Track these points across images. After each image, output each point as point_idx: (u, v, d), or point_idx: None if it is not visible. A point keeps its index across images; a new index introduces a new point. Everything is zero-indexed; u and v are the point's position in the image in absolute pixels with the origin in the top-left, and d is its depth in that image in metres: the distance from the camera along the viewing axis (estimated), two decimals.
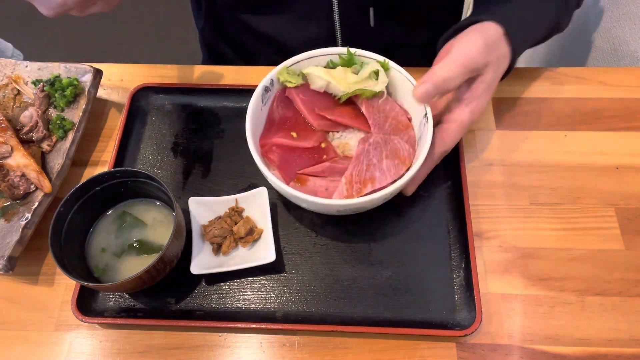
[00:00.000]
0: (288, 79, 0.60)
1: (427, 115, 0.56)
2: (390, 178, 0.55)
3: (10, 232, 0.59)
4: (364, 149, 0.57)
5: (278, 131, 0.60)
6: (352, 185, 0.54)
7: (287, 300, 0.57)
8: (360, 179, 0.55)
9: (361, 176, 0.55)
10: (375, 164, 0.56)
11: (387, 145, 0.57)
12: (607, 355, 0.53)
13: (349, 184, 0.54)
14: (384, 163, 0.56)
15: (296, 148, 0.58)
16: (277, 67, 0.60)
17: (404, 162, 0.56)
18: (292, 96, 0.61)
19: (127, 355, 0.55)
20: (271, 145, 0.59)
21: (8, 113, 0.68)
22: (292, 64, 0.60)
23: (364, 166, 0.56)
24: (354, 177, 0.55)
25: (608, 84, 0.71)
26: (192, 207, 0.59)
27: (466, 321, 0.54)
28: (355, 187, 0.54)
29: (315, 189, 0.56)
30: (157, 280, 0.55)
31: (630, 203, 0.62)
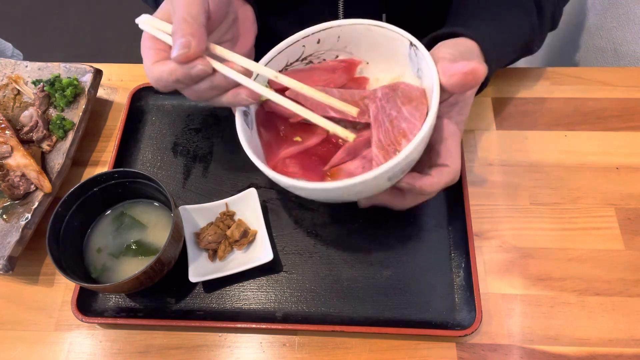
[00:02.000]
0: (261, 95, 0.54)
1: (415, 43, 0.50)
2: (419, 122, 0.48)
3: (10, 232, 0.59)
4: (377, 106, 0.51)
5: (281, 144, 0.55)
6: (386, 149, 0.48)
7: (287, 300, 0.57)
8: (390, 139, 0.49)
9: (390, 136, 0.49)
10: (396, 115, 0.49)
11: (397, 90, 0.51)
12: (607, 355, 0.53)
13: (382, 149, 0.48)
14: (404, 111, 0.49)
15: (309, 150, 0.54)
16: None
17: (421, 101, 0.50)
18: (274, 108, 0.55)
19: (127, 355, 0.55)
20: (283, 160, 0.54)
21: (8, 113, 0.68)
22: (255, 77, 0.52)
23: (387, 124, 0.49)
24: (383, 140, 0.49)
25: (608, 84, 0.71)
26: (183, 215, 0.59)
27: (466, 321, 0.54)
28: (391, 149, 0.48)
29: (354, 174, 0.49)
30: (155, 281, 0.55)
31: (630, 203, 0.62)
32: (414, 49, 0.51)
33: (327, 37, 0.55)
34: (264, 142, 0.55)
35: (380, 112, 0.50)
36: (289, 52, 0.55)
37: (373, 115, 0.51)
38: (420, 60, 0.50)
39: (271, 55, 0.54)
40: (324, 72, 0.56)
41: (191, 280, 0.56)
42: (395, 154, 0.46)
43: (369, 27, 0.53)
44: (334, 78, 0.56)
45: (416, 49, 0.50)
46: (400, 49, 0.52)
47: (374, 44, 0.54)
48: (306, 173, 0.52)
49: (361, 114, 0.51)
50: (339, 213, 0.62)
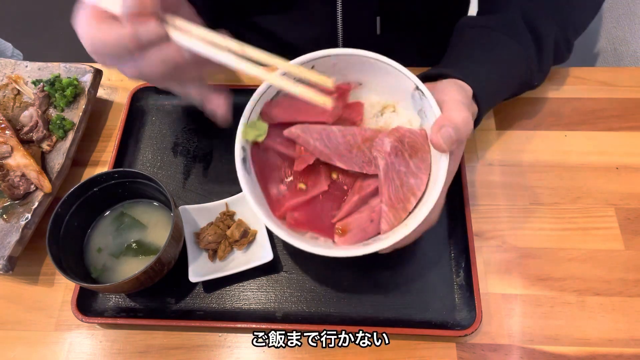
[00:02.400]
0: (256, 134, 0.52)
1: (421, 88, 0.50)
2: (425, 175, 0.50)
3: (10, 232, 0.59)
4: (387, 163, 0.50)
5: (283, 194, 0.53)
6: (396, 207, 0.49)
7: (287, 300, 0.57)
8: (400, 197, 0.49)
9: (399, 194, 0.49)
10: (405, 171, 0.50)
11: (404, 142, 0.51)
12: (607, 355, 0.53)
13: (392, 208, 0.49)
14: (412, 165, 0.50)
15: (314, 199, 0.52)
16: (239, 129, 0.51)
17: (425, 150, 0.51)
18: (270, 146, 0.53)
19: (127, 355, 0.55)
20: (290, 212, 0.52)
21: (8, 113, 0.68)
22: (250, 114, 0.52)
23: (396, 182, 0.50)
24: (393, 199, 0.49)
25: (608, 84, 0.71)
26: (183, 215, 0.59)
27: (466, 321, 0.54)
28: (399, 207, 0.49)
29: (363, 227, 0.50)
30: (155, 281, 0.55)
31: (630, 203, 0.62)
32: (419, 93, 0.51)
33: (322, 64, 0.53)
34: (264, 188, 0.52)
35: (390, 169, 0.50)
36: None
37: (383, 172, 0.50)
38: (425, 105, 0.51)
39: (263, 87, 0.52)
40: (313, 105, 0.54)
41: (191, 280, 0.56)
42: (405, 212, 0.49)
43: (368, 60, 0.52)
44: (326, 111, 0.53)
45: (422, 94, 0.51)
46: (402, 85, 0.52)
47: (372, 70, 0.54)
48: (315, 225, 0.51)
49: (368, 165, 0.51)
50: None
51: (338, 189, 0.53)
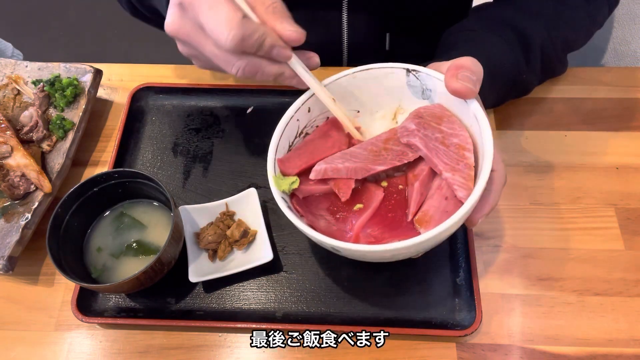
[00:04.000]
0: (289, 182, 0.50)
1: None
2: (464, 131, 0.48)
3: (10, 232, 0.59)
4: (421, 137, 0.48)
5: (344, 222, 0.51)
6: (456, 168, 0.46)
7: (287, 300, 0.57)
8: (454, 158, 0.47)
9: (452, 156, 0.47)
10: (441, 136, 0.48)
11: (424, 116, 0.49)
12: (607, 355, 0.53)
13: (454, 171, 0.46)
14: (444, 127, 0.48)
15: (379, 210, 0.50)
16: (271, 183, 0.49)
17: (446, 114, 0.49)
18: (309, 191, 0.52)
19: (127, 355, 0.55)
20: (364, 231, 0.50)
21: (8, 113, 0.68)
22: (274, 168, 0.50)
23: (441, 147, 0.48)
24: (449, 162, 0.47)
25: (608, 84, 0.71)
26: (183, 215, 0.59)
27: (466, 321, 0.54)
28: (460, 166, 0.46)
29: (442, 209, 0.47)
30: (155, 281, 0.55)
31: (630, 203, 0.62)
32: (413, 74, 0.51)
33: (316, 102, 0.53)
34: (320, 229, 0.49)
35: (427, 140, 0.48)
36: (288, 133, 0.53)
37: (424, 146, 0.48)
38: (425, 80, 0.51)
39: (275, 142, 0.51)
40: (323, 140, 0.54)
41: (191, 280, 0.56)
42: (468, 168, 0.46)
43: (355, 75, 0.53)
44: (335, 140, 0.54)
45: (416, 72, 0.50)
46: (394, 81, 0.52)
47: (364, 89, 0.54)
48: (393, 232, 0.49)
49: (404, 155, 0.50)
50: None
51: (395, 192, 0.51)
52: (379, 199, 0.50)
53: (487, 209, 0.47)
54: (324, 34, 0.76)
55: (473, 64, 0.47)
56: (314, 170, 0.50)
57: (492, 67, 0.58)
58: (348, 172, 0.50)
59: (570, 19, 0.64)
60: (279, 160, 0.51)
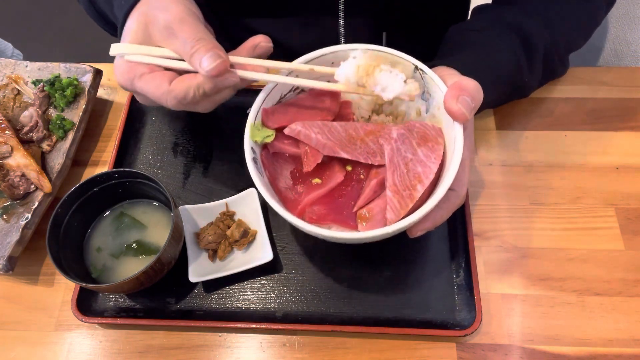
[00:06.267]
0: (264, 135, 0.51)
1: None
2: (435, 165, 0.48)
3: (10, 232, 0.59)
4: (393, 148, 0.49)
5: (299, 190, 0.52)
6: (401, 194, 0.48)
7: (287, 300, 0.57)
8: (406, 184, 0.48)
9: (405, 180, 0.48)
10: (412, 158, 0.49)
11: (412, 131, 0.50)
12: (607, 355, 0.53)
13: (397, 194, 0.48)
14: (420, 153, 0.49)
15: (333, 191, 0.51)
16: (246, 130, 0.51)
17: (437, 141, 0.49)
18: (279, 148, 0.53)
19: (127, 355, 0.55)
20: (310, 207, 0.51)
21: (8, 113, 0.68)
22: (255, 117, 0.52)
23: (402, 168, 0.49)
24: (399, 184, 0.48)
25: (608, 84, 0.71)
26: (183, 215, 0.59)
27: (466, 321, 0.54)
28: (405, 194, 0.48)
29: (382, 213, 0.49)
30: (154, 281, 0.55)
31: (630, 203, 0.62)
32: (420, 73, 0.51)
33: (320, 64, 0.53)
34: (278, 188, 0.52)
35: (396, 154, 0.49)
36: (282, 86, 0.53)
37: (388, 157, 0.49)
38: (428, 83, 0.51)
39: (266, 91, 0.52)
40: (314, 102, 0.54)
41: (191, 280, 0.56)
42: (411, 199, 0.47)
43: (366, 52, 0.52)
44: (325, 107, 0.54)
45: (423, 73, 0.50)
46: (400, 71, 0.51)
47: None
48: (336, 217, 0.50)
49: (373, 156, 0.51)
50: None
51: (355, 180, 0.52)
52: (337, 181, 0.51)
53: (428, 225, 0.49)
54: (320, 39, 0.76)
55: (475, 90, 0.48)
56: (290, 127, 0.51)
57: (495, 70, 0.59)
58: (317, 144, 0.51)
59: (572, 18, 0.64)
60: (264, 110, 0.52)
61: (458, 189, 0.49)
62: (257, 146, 0.52)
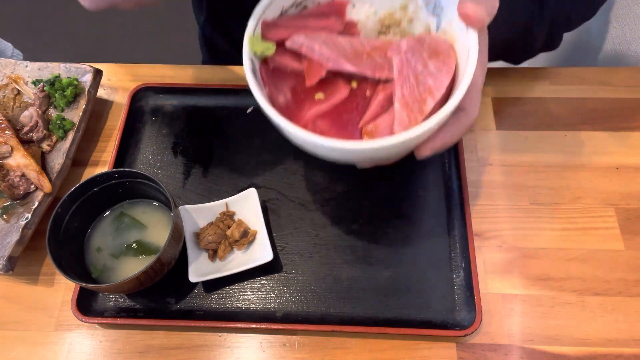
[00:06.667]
0: (265, 47, 0.48)
1: None
2: (447, 78, 0.45)
3: (10, 232, 0.59)
4: (403, 59, 0.46)
5: (301, 104, 0.49)
6: (410, 107, 0.44)
7: (287, 300, 0.57)
8: (415, 97, 0.45)
9: (415, 93, 0.45)
10: (422, 71, 0.45)
11: (423, 44, 0.47)
12: (607, 355, 0.53)
13: (406, 107, 0.44)
14: (431, 65, 0.45)
15: (337, 106, 0.48)
16: (245, 41, 0.47)
17: (448, 55, 0.46)
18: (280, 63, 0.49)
19: (127, 355, 0.55)
20: (313, 121, 0.48)
21: (8, 113, 0.68)
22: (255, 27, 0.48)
23: (412, 80, 0.45)
24: (408, 97, 0.45)
25: (608, 84, 0.71)
26: (183, 215, 0.59)
27: (466, 321, 0.54)
28: (415, 107, 0.44)
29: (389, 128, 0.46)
30: (155, 281, 0.55)
31: (630, 203, 0.62)
32: None
33: None
34: (278, 105, 0.48)
35: (405, 66, 0.46)
36: None
37: (397, 69, 0.46)
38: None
39: (266, 2, 0.48)
40: (318, 18, 0.51)
41: (191, 280, 0.56)
42: (421, 113, 0.43)
43: None
44: (329, 24, 0.51)
45: None
46: None
47: None
48: (341, 132, 0.47)
49: (380, 69, 0.47)
50: (339, 213, 0.62)
51: (360, 96, 0.48)
52: (341, 96, 0.48)
53: (438, 144, 0.45)
54: None
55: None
56: (292, 39, 0.48)
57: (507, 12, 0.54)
58: (320, 56, 0.48)
59: None
60: (264, 22, 0.49)
61: (469, 108, 0.46)
62: (256, 59, 0.48)
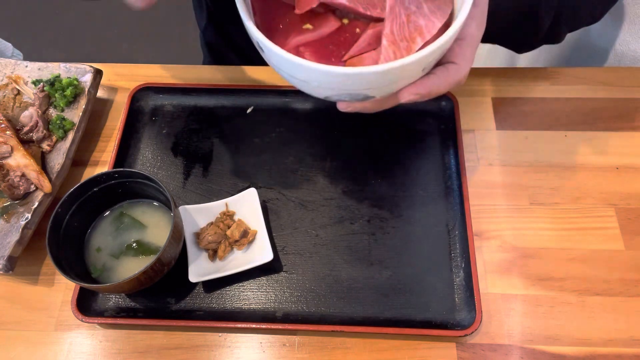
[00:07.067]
0: None
1: None
2: (439, 21, 0.44)
3: (10, 232, 0.59)
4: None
5: (288, 33, 0.47)
6: (398, 44, 0.43)
7: (287, 300, 0.57)
8: (404, 34, 0.43)
9: (404, 31, 0.44)
10: (415, 11, 0.44)
11: None
12: (607, 355, 0.53)
13: (393, 44, 0.43)
14: (425, 7, 0.44)
15: (324, 38, 0.47)
16: None
17: (444, 1, 0.45)
18: None
19: (127, 355, 0.55)
20: (296, 48, 0.47)
21: (8, 113, 0.68)
22: None
23: (403, 17, 0.44)
24: (396, 34, 0.43)
25: (608, 84, 0.71)
26: (183, 215, 0.59)
27: (466, 321, 0.54)
28: (402, 45, 0.43)
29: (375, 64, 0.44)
30: (154, 281, 0.55)
31: (630, 203, 0.62)
32: None
33: None
34: (266, 30, 0.46)
35: (398, 3, 0.44)
36: None
37: (389, 5, 0.44)
38: None
39: None
40: None
41: (191, 280, 0.56)
42: (408, 52, 0.42)
43: None
44: None
45: None
46: None
47: None
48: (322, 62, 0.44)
49: (373, 7, 0.46)
50: (339, 213, 0.62)
51: (349, 32, 0.47)
52: (330, 29, 0.47)
53: (422, 90, 0.44)
54: None
55: None
56: None
57: None
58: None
59: None
60: None
61: (460, 63, 0.45)
62: None
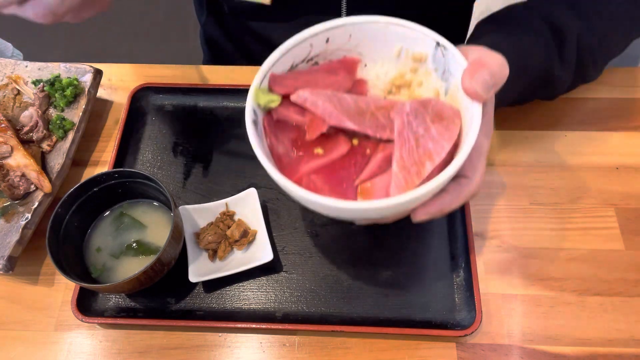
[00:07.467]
0: (269, 99, 0.48)
1: None
2: (448, 144, 0.44)
3: (10, 232, 0.59)
4: (404, 121, 0.46)
5: (299, 158, 0.49)
6: (408, 169, 0.44)
7: (287, 300, 0.57)
8: (414, 159, 0.44)
9: (414, 155, 0.45)
10: (423, 134, 0.45)
11: (427, 107, 0.47)
12: (607, 355, 0.53)
13: (403, 169, 0.44)
14: (433, 130, 0.45)
15: (334, 163, 0.48)
16: (250, 92, 0.47)
17: (453, 121, 0.46)
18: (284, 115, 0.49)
19: (127, 355, 0.55)
20: (307, 176, 0.47)
21: (8, 113, 0.68)
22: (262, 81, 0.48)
23: (412, 142, 0.45)
24: (406, 159, 0.44)
25: (608, 84, 0.71)
26: (183, 215, 0.59)
27: (466, 321, 0.54)
28: (413, 170, 0.44)
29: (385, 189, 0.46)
30: (154, 281, 0.55)
31: (630, 203, 0.62)
32: (441, 50, 0.47)
33: (338, 36, 0.50)
34: (277, 155, 0.48)
35: (406, 128, 0.46)
36: (296, 52, 0.50)
37: (398, 130, 0.46)
38: (449, 61, 0.47)
39: (276, 56, 0.49)
40: (327, 75, 0.52)
41: (191, 280, 0.56)
42: (419, 177, 0.43)
43: (387, 25, 0.49)
44: (338, 80, 0.52)
45: (444, 50, 0.47)
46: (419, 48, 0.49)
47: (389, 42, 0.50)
48: (335, 189, 0.47)
49: (382, 129, 0.48)
50: None
51: (360, 155, 0.48)
52: (340, 153, 0.48)
53: (434, 209, 0.44)
54: None
55: (498, 66, 0.43)
56: (297, 93, 0.48)
57: (522, 57, 0.54)
58: (323, 112, 0.48)
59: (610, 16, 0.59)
60: (273, 75, 0.49)
61: (471, 175, 0.45)
62: (259, 110, 0.48)
